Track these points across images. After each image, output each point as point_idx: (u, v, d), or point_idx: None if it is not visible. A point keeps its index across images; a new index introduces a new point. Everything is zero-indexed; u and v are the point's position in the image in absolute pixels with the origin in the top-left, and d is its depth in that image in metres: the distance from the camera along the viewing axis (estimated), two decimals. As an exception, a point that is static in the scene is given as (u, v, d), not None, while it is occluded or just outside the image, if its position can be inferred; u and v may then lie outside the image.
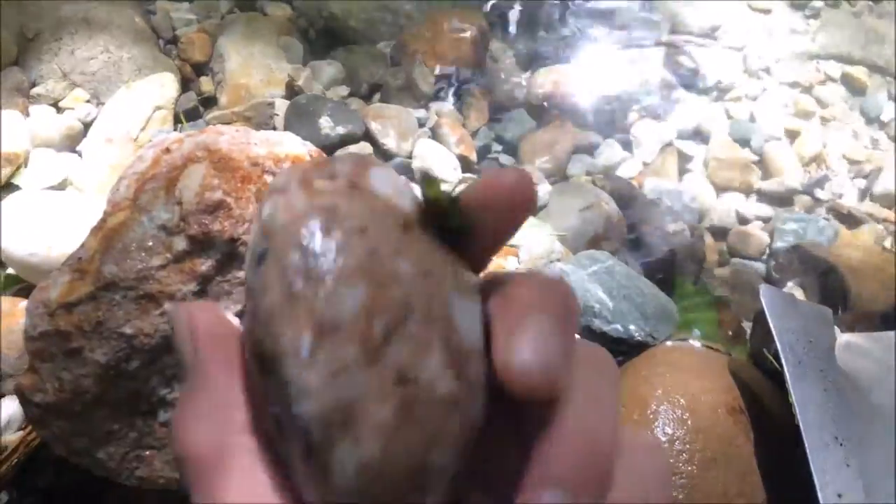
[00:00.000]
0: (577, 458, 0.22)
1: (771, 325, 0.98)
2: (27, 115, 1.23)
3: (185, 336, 0.25)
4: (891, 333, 1.12)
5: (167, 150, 0.89)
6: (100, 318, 0.80)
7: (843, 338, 1.10)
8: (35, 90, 1.27)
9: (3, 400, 1.02)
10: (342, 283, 0.21)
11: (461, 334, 0.22)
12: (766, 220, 1.34)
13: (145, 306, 0.81)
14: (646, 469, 0.24)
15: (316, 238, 0.22)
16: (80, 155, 1.22)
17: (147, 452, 0.87)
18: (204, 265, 0.82)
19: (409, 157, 1.30)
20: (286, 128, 1.28)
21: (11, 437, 1.01)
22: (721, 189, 1.37)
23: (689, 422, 0.95)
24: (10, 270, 1.08)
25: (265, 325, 0.22)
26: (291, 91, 1.35)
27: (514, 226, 0.26)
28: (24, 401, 0.83)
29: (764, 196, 1.37)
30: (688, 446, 0.94)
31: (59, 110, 1.26)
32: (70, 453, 0.86)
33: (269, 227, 0.23)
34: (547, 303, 0.23)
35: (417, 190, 0.25)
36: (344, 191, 0.23)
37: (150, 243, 0.82)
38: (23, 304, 1.04)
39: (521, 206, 0.25)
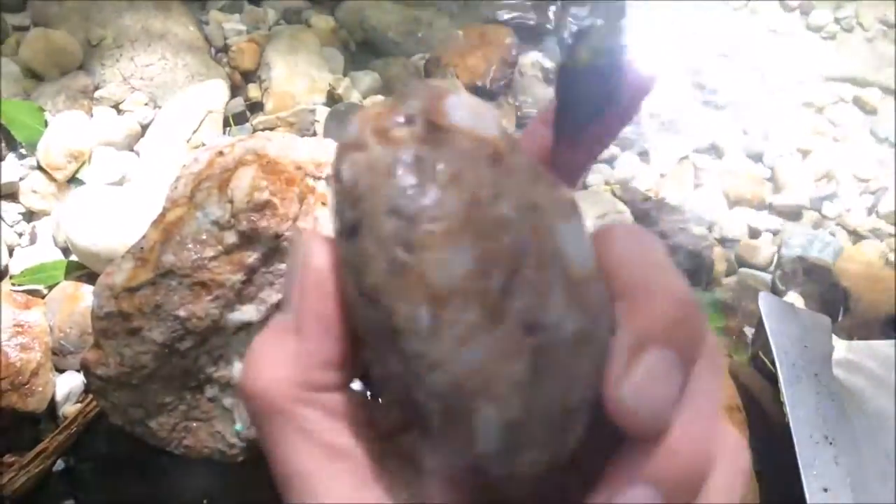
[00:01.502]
0: (678, 462, 0.21)
1: (767, 330, 1.05)
2: (91, 115, 1.34)
3: (297, 265, 0.23)
4: (889, 342, 1.18)
5: (220, 154, 0.99)
6: (158, 302, 0.91)
7: (841, 345, 1.17)
8: (98, 93, 1.38)
9: (63, 375, 1.13)
10: (448, 245, 0.20)
11: (574, 263, 0.21)
12: (775, 233, 1.41)
13: (198, 292, 0.91)
14: (732, 469, 0.23)
15: (410, 198, 0.20)
16: (137, 154, 1.32)
17: (194, 424, 0.97)
18: (251, 257, 0.92)
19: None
20: (325, 133, 1.38)
21: (70, 409, 1.11)
22: (733, 202, 1.44)
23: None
24: (74, 258, 1.19)
25: (374, 301, 0.20)
26: (332, 99, 1.45)
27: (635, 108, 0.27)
28: (88, 373, 0.94)
29: (774, 210, 1.44)
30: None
31: (120, 112, 1.37)
32: (126, 422, 0.97)
33: (354, 192, 0.21)
34: (673, 335, 0.21)
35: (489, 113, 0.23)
36: (425, 135, 0.21)
37: (204, 236, 0.92)
38: (84, 288, 1.15)
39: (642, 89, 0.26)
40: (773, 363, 1.05)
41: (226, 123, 1.40)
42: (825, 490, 0.98)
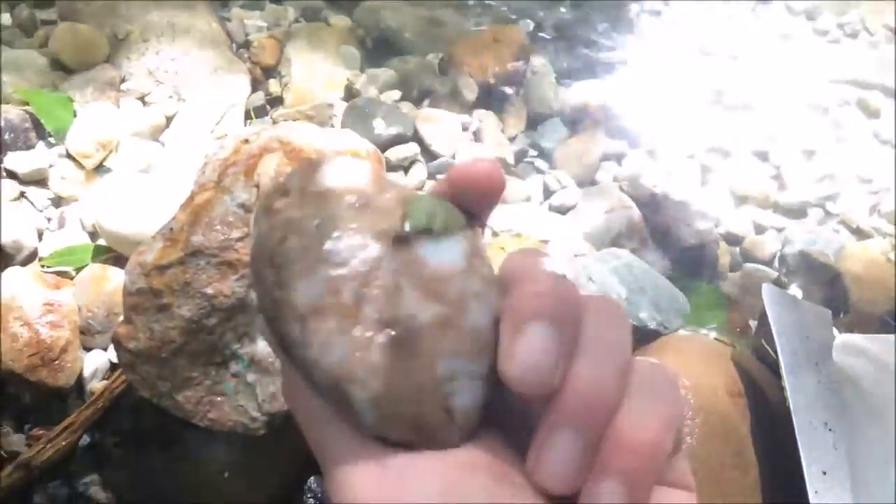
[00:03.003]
0: (577, 402, 0.25)
1: (770, 319, 1.09)
2: (118, 107, 1.39)
3: None
4: (889, 336, 1.22)
5: (246, 141, 1.03)
6: (187, 280, 0.95)
7: (841, 337, 1.20)
8: (124, 85, 1.43)
9: (90, 353, 1.17)
10: (303, 279, 0.26)
11: (433, 265, 0.27)
12: (779, 230, 1.44)
13: (225, 271, 0.96)
14: (646, 392, 0.26)
15: (278, 254, 0.27)
16: (162, 144, 1.37)
17: (219, 398, 1.01)
18: (276, 239, 0.96)
19: (453, 157, 1.43)
20: (343, 126, 1.42)
21: (97, 386, 1.15)
22: (739, 199, 1.48)
23: (692, 400, 1.07)
24: (101, 241, 1.23)
25: (277, 327, 0.27)
26: (349, 94, 1.49)
27: (487, 208, 0.31)
28: (119, 347, 0.98)
29: (779, 208, 1.48)
30: (689, 422, 1.05)
31: (145, 104, 1.42)
32: (153, 395, 1.01)
33: (251, 255, 0.29)
34: (543, 308, 0.26)
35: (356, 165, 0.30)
36: (296, 202, 0.28)
37: (231, 219, 0.97)
38: (111, 270, 1.19)
39: (492, 192, 0.30)
40: (775, 351, 1.09)
41: (247, 116, 1.44)
42: (824, 473, 1.01)
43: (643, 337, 1.19)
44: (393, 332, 0.26)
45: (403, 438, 0.26)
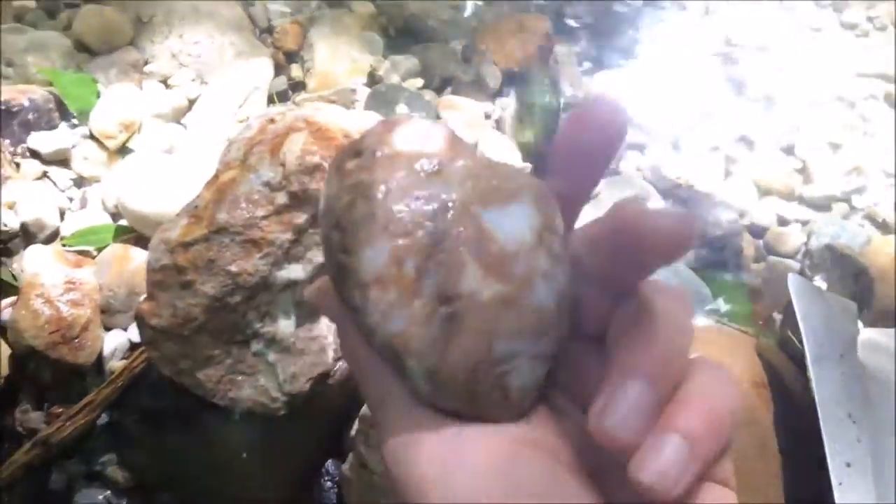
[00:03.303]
0: (653, 364, 0.25)
1: (795, 309, 1.08)
2: (141, 89, 1.39)
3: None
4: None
5: (272, 121, 1.03)
6: (211, 257, 0.95)
7: (865, 331, 1.19)
8: (147, 68, 1.43)
9: (111, 332, 1.17)
10: (368, 247, 0.26)
11: (500, 241, 0.26)
12: (804, 223, 1.43)
13: (249, 249, 0.95)
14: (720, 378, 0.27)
15: (345, 216, 0.27)
16: (184, 127, 1.37)
17: (239, 377, 1.01)
18: (300, 218, 0.96)
19: (475, 145, 1.43)
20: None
21: (116, 365, 1.15)
22: (763, 192, 1.47)
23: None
24: (122, 222, 1.23)
25: (341, 290, 0.28)
26: (372, 80, 1.49)
27: (605, 155, 0.28)
28: (142, 323, 0.98)
29: (804, 201, 1.46)
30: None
31: (168, 87, 1.42)
32: (174, 373, 1.00)
33: (320, 217, 0.29)
34: (652, 366, 0.25)
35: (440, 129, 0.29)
36: (367, 164, 0.27)
37: (256, 197, 0.96)
38: (133, 250, 1.19)
39: (614, 136, 0.28)
40: (800, 342, 1.07)
41: (270, 101, 1.44)
42: (848, 465, 1.00)
43: (666, 326, 1.18)
44: (452, 309, 0.26)
45: (458, 411, 0.27)
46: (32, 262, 1.13)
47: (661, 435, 0.24)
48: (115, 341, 1.16)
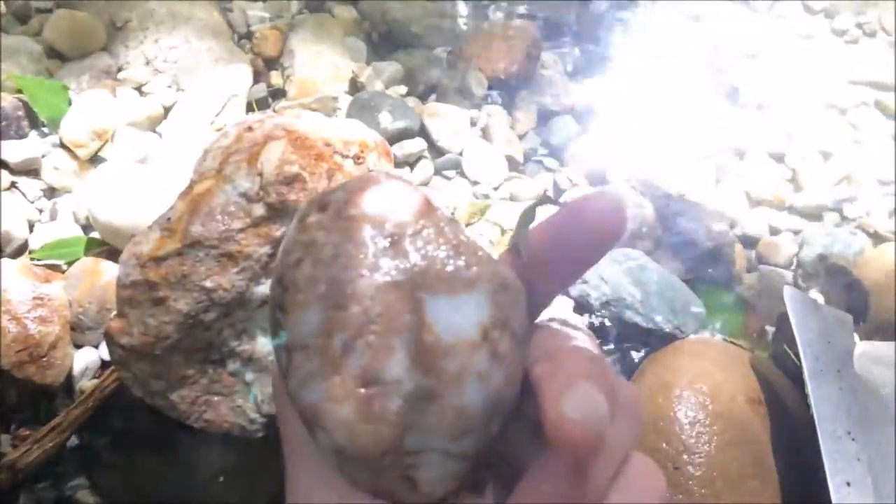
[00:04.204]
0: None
1: (792, 323, 1.05)
2: (115, 96, 1.34)
3: None
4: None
5: (249, 129, 0.99)
6: (184, 272, 0.90)
7: (861, 345, 1.16)
8: (121, 74, 1.38)
9: (81, 350, 1.12)
10: (302, 310, 0.25)
11: (437, 333, 0.25)
12: (795, 232, 1.40)
13: (225, 264, 0.91)
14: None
15: (289, 275, 0.26)
16: (159, 135, 1.32)
17: (215, 398, 0.96)
18: (278, 230, 0.92)
19: (460, 153, 1.39)
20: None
21: (87, 384, 1.10)
22: (754, 201, 1.44)
23: (710, 407, 1.02)
24: (94, 234, 1.18)
25: (272, 337, 0.27)
26: (354, 87, 1.45)
27: (595, 253, 0.27)
28: (112, 342, 0.93)
29: (795, 210, 1.44)
30: (707, 429, 1.01)
31: (143, 94, 1.37)
32: (146, 394, 0.96)
33: (278, 255, 0.28)
34: (594, 375, 0.25)
35: (421, 192, 0.28)
36: (325, 224, 0.26)
37: (232, 208, 0.92)
38: (104, 264, 1.14)
39: (609, 232, 0.26)
40: (797, 356, 1.04)
41: (249, 108, 1.40)
42: (848, 484, 0.97)
43: (659, 340, 1.15)
44: (370, 393, 0.24)
45: (366, 489, 0.26)
46: (-2, 277, 1.08)
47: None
48: (86, 360, 1.11)
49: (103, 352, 1.09)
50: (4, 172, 1.24)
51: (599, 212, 0.26)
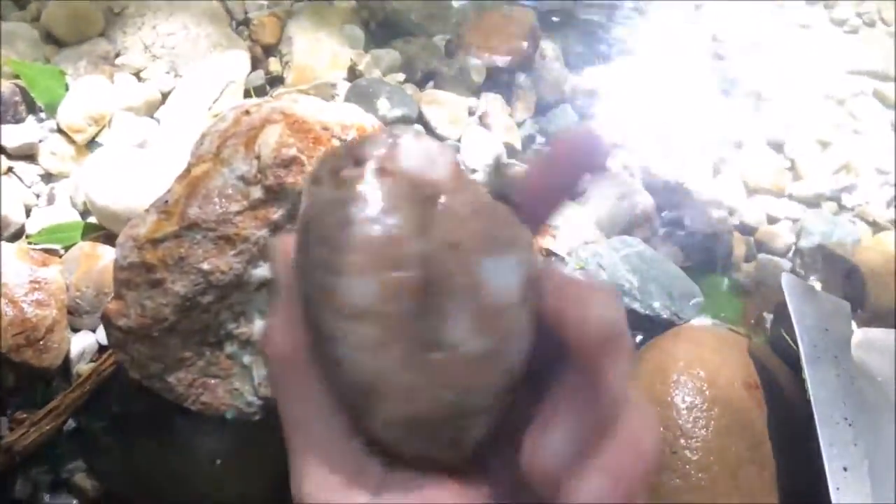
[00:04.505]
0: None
1: (790, 309, 1.05)
2: (112, 82, 1.34)
3: (276, 259, 0.28)
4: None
5: (247, 112, 0.98)
6: (182, 254, 0.90)
7: (859, 332, 1.16)
8: (119, 60, 1.38)
9: (78, 334, 1.12)
10: (357, 273, 0.23)
11: (492, 294, 0.24)
12: (794, 221, 1.40)
13: (222, 246, 0.91)
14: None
15: (336, 234, 0.24)
16: (157, 121, 1.32)
17: (212, 381, 0.96)
18: (276, 213, 0.92)
19: (458, 141, 1.39)
20: (346, 108, 1.37)
21: (84, 368, 1.10)
22: (752, 190, 1.44)
23: (707, 392, 1.02)
24: (91, 219, 1.18)
25: (313, 308, 0.25)
26: (353, 74, 1.44)
27: (581, 184, 0.29)
28: (109, 325, 0.93)
29: (793, 199, 1.44)
30: (704, 413, 1.01)
31: (140, 79, 1.37)
32: (144, 377, 0.96)
33: (303, 220, 0.25)
34: (585, 411, 0.24)
35: (447, 154, 0.26)
36: (367, 177, 0.24)
37: (230, 191, 0.92)
38: (101, 248, 1.14)
39: (589, 159, 0.28)
40: (794, 342, 1.04)
41: (246, 95, 1.40)
42: (845, 469, 0.97)
43: (656, 327, 1.15)
44: (435, 357, 0.24)
45: (403, 453, 0.26)
46: (-5, 261, 1.08)
47: (587, 472, 0.24)
48: (83, 343, 1.11)
49: (100, 336, 1.09)
50: (2, 157, 1.23)
51: (583, 145, 0.28)
